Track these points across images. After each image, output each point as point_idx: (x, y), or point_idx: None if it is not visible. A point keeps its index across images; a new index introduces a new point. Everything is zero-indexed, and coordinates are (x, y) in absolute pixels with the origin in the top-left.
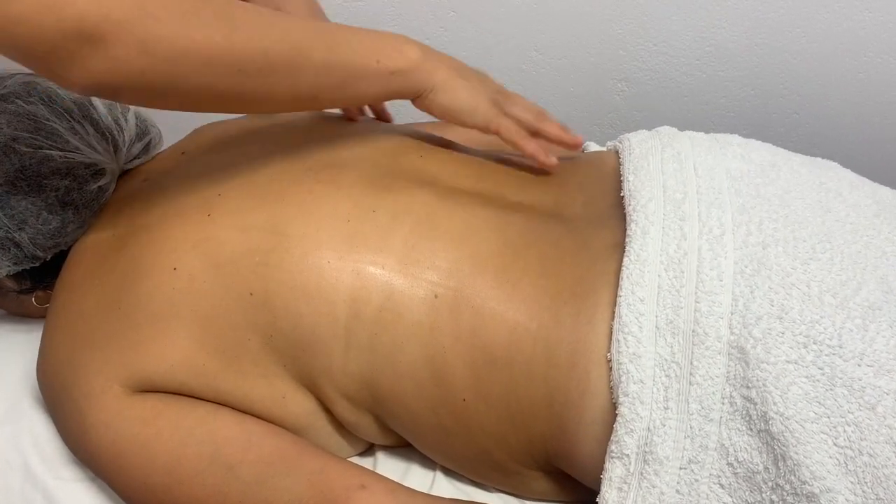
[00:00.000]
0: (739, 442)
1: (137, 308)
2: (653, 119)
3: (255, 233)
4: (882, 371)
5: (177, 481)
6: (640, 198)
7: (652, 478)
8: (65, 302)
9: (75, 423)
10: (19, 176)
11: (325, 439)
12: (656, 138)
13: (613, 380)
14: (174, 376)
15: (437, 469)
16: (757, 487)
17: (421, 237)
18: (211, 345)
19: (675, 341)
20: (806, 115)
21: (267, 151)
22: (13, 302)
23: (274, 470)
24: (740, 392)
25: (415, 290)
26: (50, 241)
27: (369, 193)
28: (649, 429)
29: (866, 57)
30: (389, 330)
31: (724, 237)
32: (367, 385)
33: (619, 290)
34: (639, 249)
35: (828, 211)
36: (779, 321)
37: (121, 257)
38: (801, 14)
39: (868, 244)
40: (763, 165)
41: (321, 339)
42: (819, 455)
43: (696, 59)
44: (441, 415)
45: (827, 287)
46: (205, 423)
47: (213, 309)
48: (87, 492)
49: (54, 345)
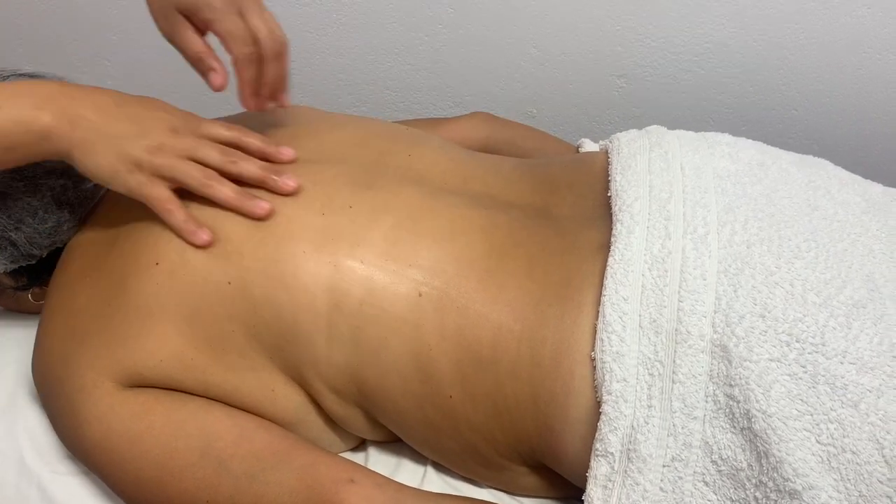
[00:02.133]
0: (723, 440)
1: (126, 304)
2: (651, 115)
3: (229, 224)
4: (865, 368)
5: (168, 475)
6: (626, 197)
7: (636, 475)
8: (59, 298)
9: (68, 417)
10: (16, 176)
11: (315, 434)
12: (645, 138)
13: (597, 378)
14: (164, 371)
15: (428, 464)
16: (741, 485)
17: (403, 234)
18: (198, 338)
19: (659, 340)
20: (804, 112)
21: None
22: (10, 298)
23: (265, 464)
24: (723, 390)
25: (397, 287)
26: (46, 240)
27: (348, 190)
28: (633, 427)
29: (865, 53)
30: (373, 324)
31: (709, 236)
32: (353, 379)
33: (604, 290)
34: (623, 249)
35: (815, 209)
36: (762, 319)
37: (111, 254)
38: (800, 10)
39: (855, 242)
40: (751, 164)
41: (304, 329)
42: (802, 452)
43: (695, 55)
44: (428, 410)
45: (811, 285)
46: (196, 417)
47: (196, 301)
48: (82, 485)
49: (48, 340)
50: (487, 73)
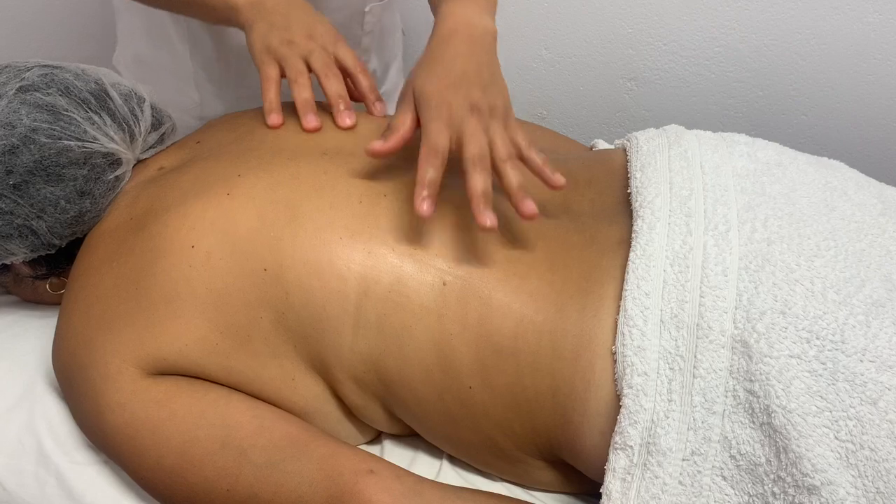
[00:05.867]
0: (742, 434)
1: (154, 286)
2: (661, 118)
3: (270, 208)
4: (884, 367)
5: (189, 463)
6: (647, 194)
7: (655, 469)
8: (82, 285)
9: (90, 403)
10: (38, 166)
11: (333, 425)
12: (664, 136)
13: (618, 372)
14: (188, 355)
15: (444, 458)
16: (759, 480)
17: (430, 224)
18: (224, 323)
19: (680, 335)
20: (814, 117)
21: (282, 139)
22: (28, 288)
23: (285, 454)
24: (743, 385)
25: (423, 276)
26: (67, 230)
27: (382, 179)
28: (653, 420)
29: (875, 59)
30: (398, 311)
31: (730, 233)
32: (374, 367)
33: (625, 285)
34: (644, 244)
35: (833, 209)
36: (782, 316)
37: (139, 238)
38: (811, 16)
39: (873, 242)
40: (769, 164)
41: (331, 315)
42: (821, 448)
43: (706, 59)
44: (447, 400)
45: (830, 283)
46: (217, 406)
47: (228, 286)
48: (100, 475)
49: (71, 327)
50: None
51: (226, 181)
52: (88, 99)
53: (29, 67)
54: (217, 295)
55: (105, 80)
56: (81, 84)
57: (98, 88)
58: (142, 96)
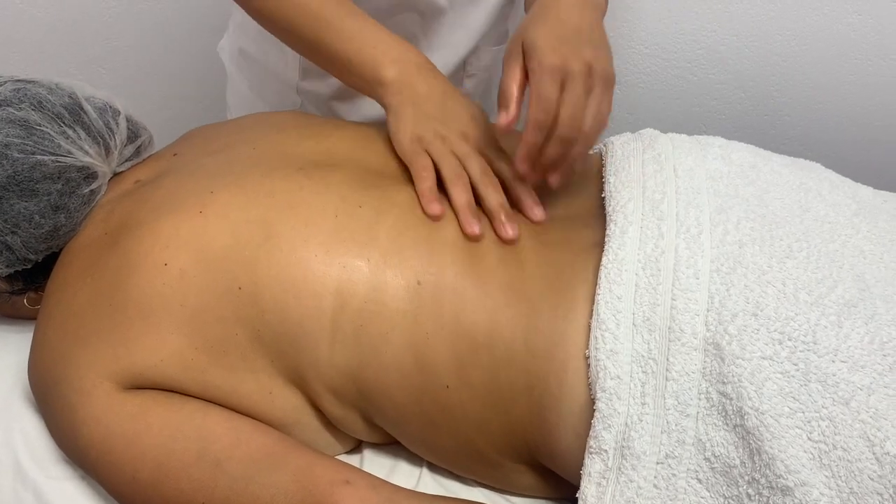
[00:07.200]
0: (716, 437)
1: (128, 303)
2: (643, 121)
3: (245, 227)
4: (856, 367)
5: (165, 476)
6: (620, 198)
7: (630, 472)
8: (57, 300)
9: (66, 418)
10: (12, 181)
11: (312, 436)
12: (638, 140)
13: (591, 375)
14: (163, 370)
15: (424, 466)
16: (734, 481)
17: (404, 227)
18: (199, 339)
19: (652, 338)
20: (796, 118)
21: (259, 153)
22: (5, 303)
23: (261, 466)
24: (716, 388)
25: (398, 280)
26: (42, 245)
27: (357, 190)
28: (626, 424)
29: (856, 59)
30: (375, 321)
31: (702, 236)
32: (352, 378)
33: (598, 288)
34: (617, 248)
35: (806, 210)
36: (754, 318)
37: (113, 254)
38: (792, 17)
39: (846, 243)
40: (743, 166)
41: (308, 332)
42: (794, 449)
43: (688, 61)
44: (425, 403)
45: (802, 284)
46: (193, 419)
47: (203, 303)
48: (78, 490)
49: (46, 341)
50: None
51: (198, 197)
52: (62, 113)
53: (2, 83)
54: (192, 311)
55: (79, 94)
56: (55, 98)
57: (72, 102)
58: (117, 109)
